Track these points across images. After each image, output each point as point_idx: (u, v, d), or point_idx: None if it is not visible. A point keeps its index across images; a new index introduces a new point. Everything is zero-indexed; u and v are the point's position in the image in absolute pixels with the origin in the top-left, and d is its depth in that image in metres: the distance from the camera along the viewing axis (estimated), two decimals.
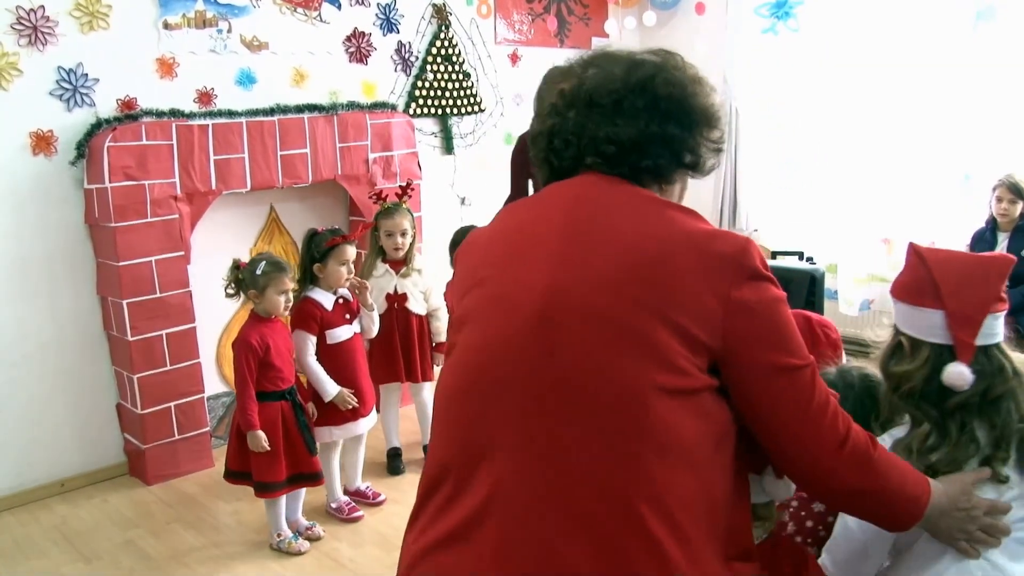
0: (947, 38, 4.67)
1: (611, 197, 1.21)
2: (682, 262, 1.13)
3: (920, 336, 1.48)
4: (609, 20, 5.59)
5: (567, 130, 1.26)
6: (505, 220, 1.36)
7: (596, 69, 1.27)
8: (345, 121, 4.23)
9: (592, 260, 1.15)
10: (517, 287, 1.18)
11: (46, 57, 3.49)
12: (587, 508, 1.07)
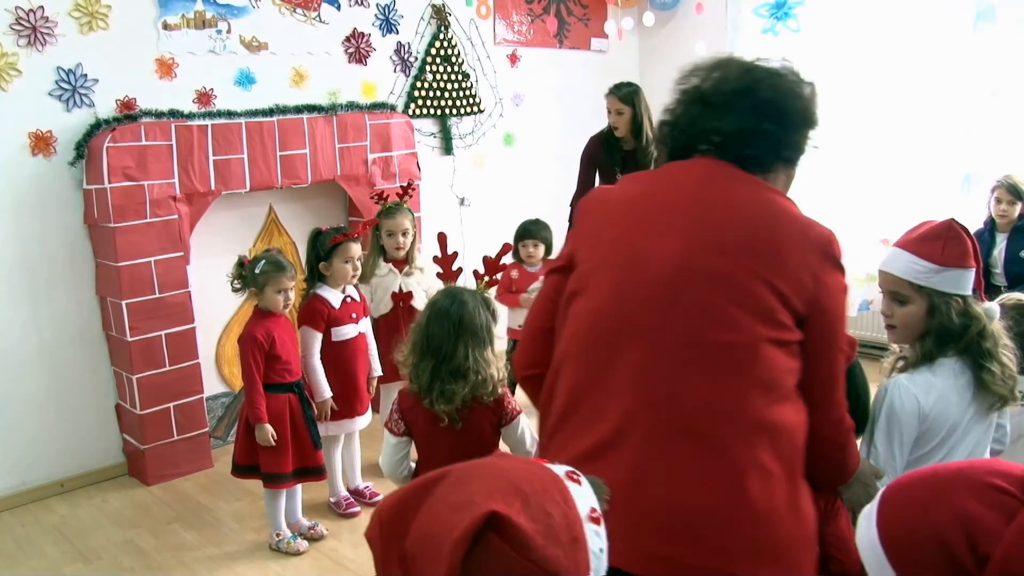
0: (947, 39, 4.67)
1: (726, 179, 1.46)
2: (787, 241, 1.38)
3: (963, 292, 1.81)
4: (608, 21, 5.60)
5: (683, 122, 1.52)
6: (632, 188, 1.57)
7: (719, 72, 1.52)
8: (344, 121, 4.24)
9: (716, 232, 1.38)
10: (651, 249, 1.40)
11: (45, 57, 3.49)
12: (706, 431, 1.30)
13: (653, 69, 6.20)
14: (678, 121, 1.54)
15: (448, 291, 2.26)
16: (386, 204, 3.65)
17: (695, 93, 1.52)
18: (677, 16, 5.94)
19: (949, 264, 1.78)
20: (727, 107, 1.47)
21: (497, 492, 0.89)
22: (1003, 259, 4.33)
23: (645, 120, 4.33)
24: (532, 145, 5.51)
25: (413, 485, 0.96)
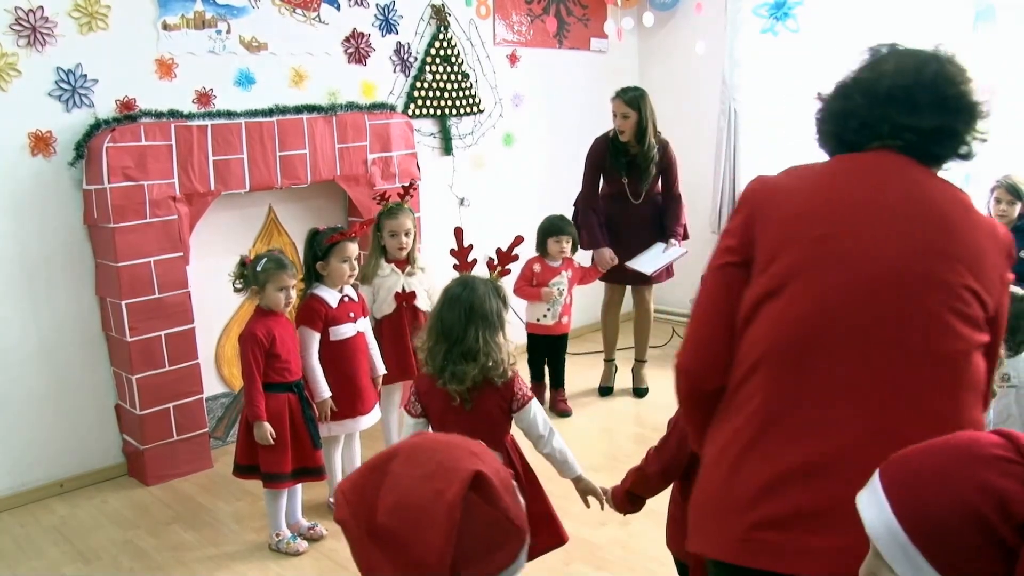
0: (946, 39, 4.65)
1: (923, 177, 1.44)
2: (985, 243, 1.36)
3: None
4: (608, 21, 5.60)
5: (861, 114, 1.45)
6: (818, 180, 1.47)
7: (890, 65, 1.45)
8: (344, 122, 4.24)
9: (927, 233, 1.34)
10: (863, 250, 1.33)
11: (45, 58, 3.49)
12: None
13: (653, 69, 6.20)
14: (853, 113, 1.47)
15: (461, 279, 2.37)
16: (388, 204, 3.64)
17: (875, 85, 1.45)
18: (676, 16, 5.94)
19: None
20: (913, 103, 1.42)
21: (464, 457, 1.01)
22: None
23: (649, 124, 4.35)
24: (532, 145, 5.51)
25: (366, 466, 1.05)
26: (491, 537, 1.00)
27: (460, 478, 0.97)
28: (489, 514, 0.99)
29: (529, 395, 2.35)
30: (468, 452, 1.05)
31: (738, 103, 5.57)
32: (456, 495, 0.95)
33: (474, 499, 0.98)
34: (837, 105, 1.52)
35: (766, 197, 1.47)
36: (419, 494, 0.98)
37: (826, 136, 1.56)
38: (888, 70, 1.45)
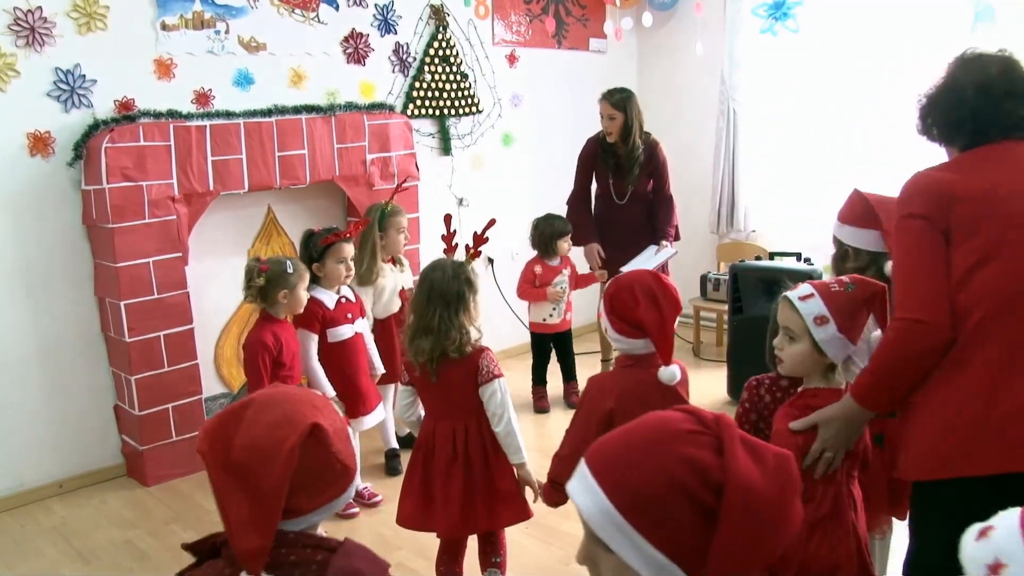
0: (946, 39, 4.67)
1: None
2: None
3: (863, 246, 2.26)
4: (607, 21, 5.60)
5: (993, 113, 1.73)
6: (982, 168, 1.75)
7: (1004, 67, 1.75)
8: (343, 122, 4.24)
9: None
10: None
11: (43, 58, 3.49)
12: None
13: (652, 69, 6.20)
14: (982, 111, 1.74)
15: (433, 262, 2.52)
16: (388, 207, 3.69)
17: (992, 85, 1.73)
18: (675, 16, 5.94)
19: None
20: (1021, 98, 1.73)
21: (306, 410, 1.23)
22: None
23: (635, 125, 4.35)
24: (530, 145, 5.52)
25: (227, 411, 1.26)
26: (323, 476, 1.25)
27: (299, 429, 1.20)
28: (322, 458, 1.23)
29: (496, 373, 2.43)
30: (311, 406, 1.26)
31: (737, 103, 5.57)
32: (295, 443, 1.18)
33: (311, 444, 1.21)
34: (960, 107, 1.77)
35: (947, 184, 1.73)
36: (266, 439, 1.19)
37: (944, 127, 1.84)
38: (1003, 72, 1.74)
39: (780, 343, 1.96)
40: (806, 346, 1.89)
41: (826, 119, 5.21)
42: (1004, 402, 1.62)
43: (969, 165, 1.77)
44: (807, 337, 1.88)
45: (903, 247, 1.79)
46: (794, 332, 1.91)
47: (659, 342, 2.14)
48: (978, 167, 1.75)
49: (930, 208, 1.73)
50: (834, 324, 1.85)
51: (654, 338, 2.14)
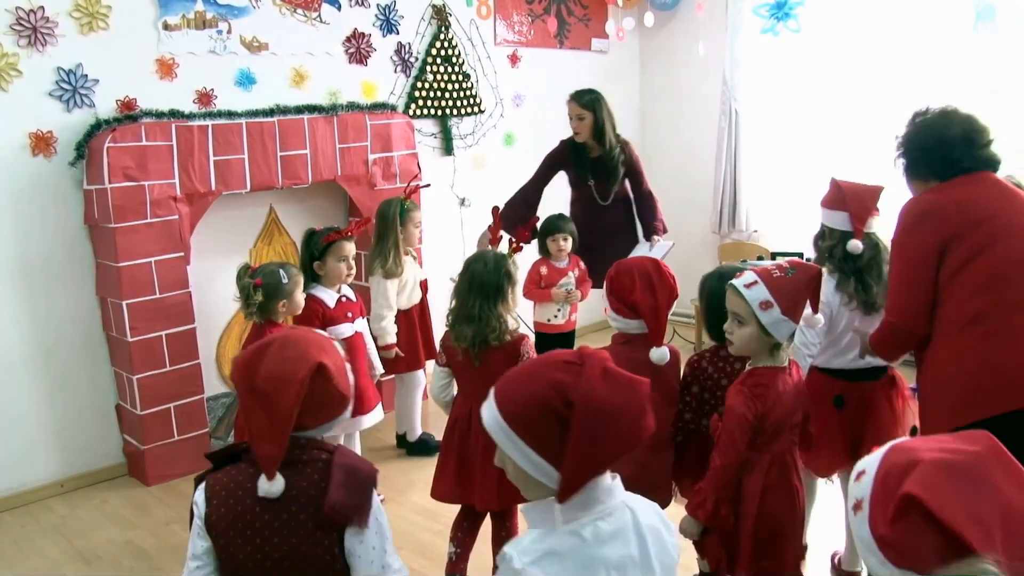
0: (947, 39, 4.67)
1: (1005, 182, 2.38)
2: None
3: (835, 226, 2.66)
4: (609, 21, 5.60)
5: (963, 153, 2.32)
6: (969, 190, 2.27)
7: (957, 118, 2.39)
8: (345, 122, 4.24)
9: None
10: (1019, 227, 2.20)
11: (46, 58, 3.49)
12: None
13: (654, 69, 6.20)
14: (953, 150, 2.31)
15: (475, 254, 2.70)
16: (406, 203, 3.78)
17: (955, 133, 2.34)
18: (677, 16, 5.94)
19: None
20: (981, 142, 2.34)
21: (315, 351, 1.59)
22: None
23: (607, 126, 4.25)
24: (532, 145, 5.50)
25: (254, 347, 1.62)
26: (325, 402, 1.62)
27: (309, 365, 1.56)
28: (325, 389, 1.60)
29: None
30: (319, 347, 1.63)
31: (739, 103, 5.57)
32: (304, 376, 1.55)
33: (317, 378, 1.57)
34: (941, 147, 2.34)
35: (942, 204, 2.24)
36: (283, 371, 1.55)
37: (922, 165, 2.40)
38: (962, 121, 2.36)
39: (730, 327, 2.16)
40: (753, 329, 2.09)
41: (827, 119, 5.20)
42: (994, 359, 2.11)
43: (953, 189, 2.27)
44: (754, 321, 2.09)
45: (903, 260, 2.27)
46: (742, 317, 2.11)
47: (651, 324, 2.33)
48: (960, 191, 2.26)
49: (933, 226, 2.21)
50: (778, 308, 2.06)
51: (647, 320, 2.32)
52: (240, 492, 1.59)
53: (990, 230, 2.17)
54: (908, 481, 1.04)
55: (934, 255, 2.19)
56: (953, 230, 2.17)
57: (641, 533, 1.31)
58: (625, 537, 1.29)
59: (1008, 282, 2.14)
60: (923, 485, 1.03)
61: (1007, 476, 1.06)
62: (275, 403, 1.54)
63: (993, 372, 2.11)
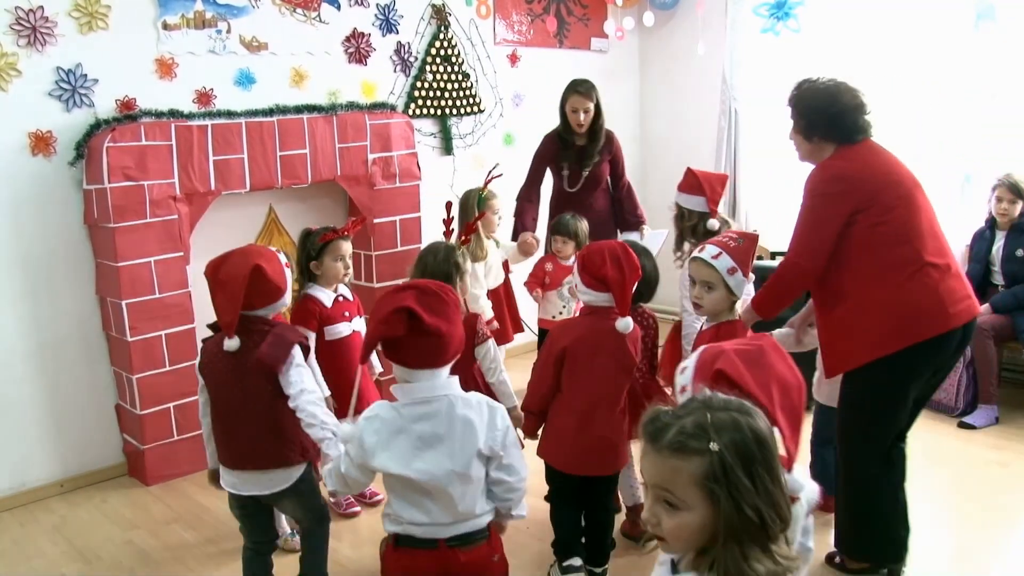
0: (947, 39, 4.67)
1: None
2: None
3: (693, 208, 3.25)
4: (608, 20, 5.60)
5: (856, 121, 2.66)
6: (869, 158, 2.63)
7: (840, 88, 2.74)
8: (344, 121, 4.24)
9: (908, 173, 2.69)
10: (912, 183, 2.63)
11: (45, 58, 3.49)
12: None
13: (653, 69, 6.20)
14: (846, 118, 2.64)
15: (429, 246, 2.96)
16: (484, 192, 4.09)
17: (849, 101, 2.66)
18: (677, 16, 5.94)
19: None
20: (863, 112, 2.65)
21: (254, 256, 2.37)
22: (1000, 257, 4.33)
23: (602, 115, 4.33)
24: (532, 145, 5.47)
25: (218, 256, 2.41)
26: (263, 290, 2.38)
27: (250, 265, 2.33)
28: (263, 282, 2.36)
29: (488, 335, 2.91)
30: (259, 255, 2.41)
31: (739, 103, 5.57)
32: (247, 272, 2.32)
33: (257, 274, 2.34)
34: (831, 110, 2.66)
35: (854, 173, 2.59)
36: (233, 269, 2.34)
37: (818, 128, 2.69)
38: (845, 90, 2.69)
39: (699, 293, 2.64)
40: (722, 292, 2.61)
41: None
42: (912, 300, 2.52)
43: (860, 157, 2.62)
44: (723, 285, 2.60)
45: (813, 211, 2.63)
46: (712, 283, 2.61)
47: (618, 296, 2.60)
48: (867, 159, 2.61)
49: (846, 190, 2.57)
50: (740, 272, 2.59)
51: (615, 293, 2.60)
52: (215, 348, 2.39)
53: (897, 193, 2.56)
54: (717, 363, 1.44)
55: (844, 215, 2.54)
56: (866, 195, 2.54)
57: (453, 420, 1.90)
58: (436, 420, 1.90)
59: (920, 237, 2.54)
60: (728, 364, 1.43)
61: (780, 360, 1.49)
62: (229, 289, 2.32)
63: (913, 309, 2.51)
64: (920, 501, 3.44)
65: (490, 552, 2.01)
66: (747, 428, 1.19)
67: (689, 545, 1.22)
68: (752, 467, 1.16)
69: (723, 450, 1.16)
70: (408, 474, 1.87)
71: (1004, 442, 3.94)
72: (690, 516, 1.17)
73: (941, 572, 2.92)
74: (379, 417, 1.93)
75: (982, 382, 4.17)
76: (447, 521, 1.91)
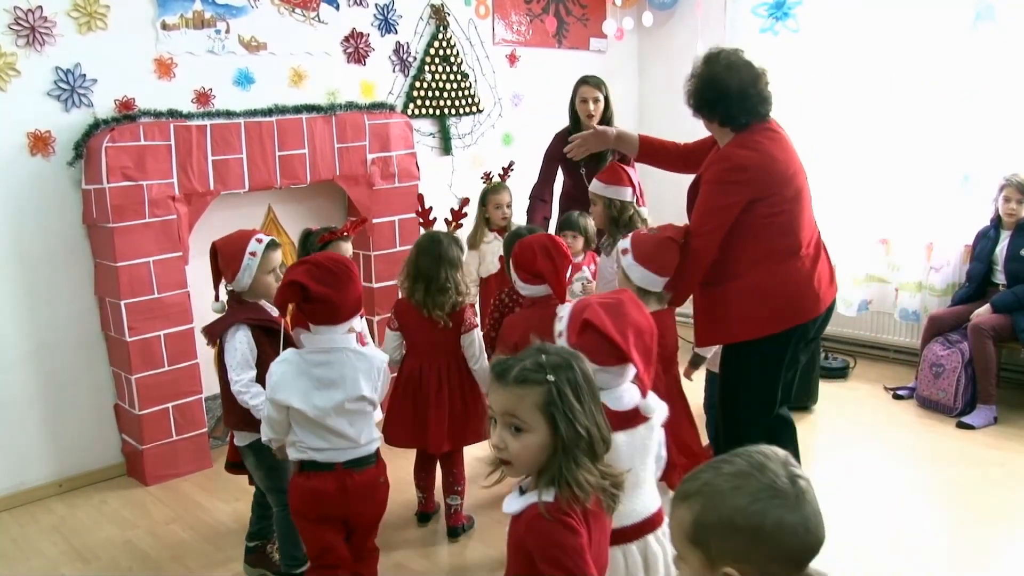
0: (946, 38, 4.67)
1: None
2: None
3: (623, 199, 3.35)
4: (607, 20, 5.60)
5: (755, 106, 2.68)
6: (767, 147, 2.67)
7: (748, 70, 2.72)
8: (343, 121, 4.24)
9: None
10: (803, 175, 2.75)
11: (44, 57, 3.49)
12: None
13: (652, 69, 6.20)
14: (745, 104, 2.67)
15: (428, 235, 3.13)
16: (492, 183, 4.24)
17: (749, 86, 2.65)
18: (676, 16, 5.94)
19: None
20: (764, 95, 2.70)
21: (218, 242, 2.73)
22: (1004, 256, 4.33)
23: (612, 109, 4.33)
24: (531, 145, 5.48)
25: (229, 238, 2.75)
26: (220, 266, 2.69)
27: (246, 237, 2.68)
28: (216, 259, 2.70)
29: (474, 324, 3.09)
30: (227, 237, 2.72)
31: None
32: (212, 252, 2.71)
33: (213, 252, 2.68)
34: (730, 92, 2.65)
35: (755, 166, 2.64)
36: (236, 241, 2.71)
37: (719, 109, 2.70)
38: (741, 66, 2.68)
39: (622, 280, 2.77)
40: (622, 275, 2.72)
41: (826, 118, 5.20)
42: (802, 283, 2.72)
43: (762, 146, 2.66)
44: (621, 269, 2.74)
45: (712, 198, 2.67)
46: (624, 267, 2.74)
47: (555, 285, 2.75)
48: (768, 149, 2.66)
49: (747, 181, 2.63)
50: (631, 255, 2.66)
51: (551, 283, 2.75)
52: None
53: (794, 186, 2.68)
54: (584, 314, 1.81)
55: (742, 204, 2.64)
56: (765, 187, 2.64)
57: (344, 368, 2.28)
58: (331, 367, 2.28)
59: (803, 229, 2.71)
60: (592, 314, 1.80)
61: (636, 309, 1.87)
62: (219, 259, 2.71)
63: (792, 296, 2.70)
64: (919, 501, 3.46)
65: (377, 474, 2.40)
66: (576, 367, 1.49)
67: (531, 466, 1.49)
68: (580, 395, 1.47)
69: (558, 381, 1.45)
70: (306, 409, 2.25)
71: (1003, 442, 3.94)
72: (533, 437, 1.46)
73: (940, 572, 2.92)
74: (287, 360, 2.29)
75: (981, 382, 4.17)
76: (342, 447, 2.31)
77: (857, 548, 3.02)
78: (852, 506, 3.34)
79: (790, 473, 1.12)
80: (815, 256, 2.76)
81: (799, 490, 1.11)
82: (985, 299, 4.36)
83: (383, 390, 2.42)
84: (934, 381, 4.33)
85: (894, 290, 5.05)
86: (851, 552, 2.96)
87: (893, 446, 3.98)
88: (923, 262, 4.87)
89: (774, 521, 1.09)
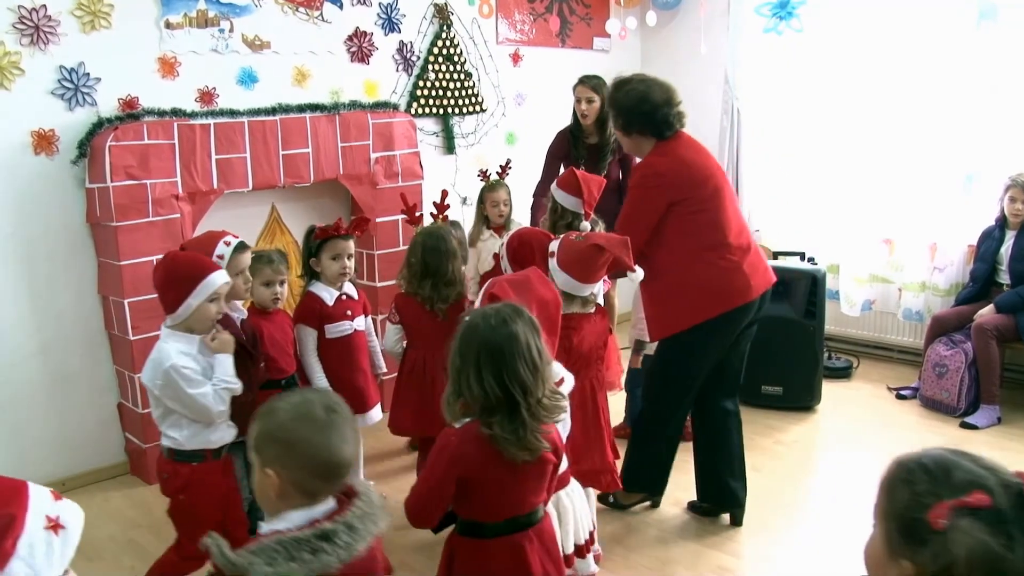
0: (949, 38, 4.66)
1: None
2: None
3: (569, 207, 3.18)
4: (611, 20, 5.59)
5: (669, 114, 3.01)
6: (688, 153, 3.01)
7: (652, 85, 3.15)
8: (347, 121, 4.24)
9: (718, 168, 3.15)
10: (722, 178, 3.04)
11: (48, 56, 3.49)
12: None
13: (655, 68, 6.16)
14: (656, 114, 3.00)
15: (430, 231, 3.26)
16: (489, 180, 4.24)
17: (661, 96, 3.02)
18: (679, 15, 5.93)
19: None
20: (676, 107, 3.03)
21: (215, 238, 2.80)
22: (1009, 256, 4.33)
23: (609, 112, 4.32)
24: (534, 144, 5.49)
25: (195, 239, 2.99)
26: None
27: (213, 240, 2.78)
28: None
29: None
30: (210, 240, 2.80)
31: (741, 102, 5.57)
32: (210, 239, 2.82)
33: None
34: (660, 110, 2.99)
35: (671, 171, 2.96)
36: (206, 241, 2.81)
37: (638, 124, 3.04)
38: (655, 86, 3.08)
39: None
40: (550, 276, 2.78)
41: (830, 118, 5.19)
42: (724, 275, 2.95)
43: (677, 152, 2.99)
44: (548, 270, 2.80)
45: (633, 203, 3.01)
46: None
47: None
48: (683, 155, 2.98)
49: (666, 186, 2.93)
50: (555, 259, 2.70)
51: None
52: None
53: (711, 186, 2.95)
54: (491, 288, 2.09)
55: (662, 207, 2.92)
56: (681, 191, 2.91)
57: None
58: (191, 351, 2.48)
59: (728, 222, 2.95)
60: (498, 288, 2.08)
61: (541, 284, 2.18)
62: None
63: (722, 284, 2.93)
64: None
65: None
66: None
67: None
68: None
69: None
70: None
71: (1006, 442, 3.94)
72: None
73: None
74: (175, 337, 2.49)
75: (984, 382, 4.17)
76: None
77: (858, 548, 3.01)
78: (854, 506, 3.34)
79: (328, 407, 1.48)
80: (745, 247, 2.99)
81: (331, 420, 1.46)
82: (989, 299, 4.35)
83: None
84: (937, 381, 4.33)
85: (898, 290, 5.04)
86: (852, 552, 2.95)
87: (896, 446, 3.92)
88: (927, 262, 4.87)
89: (302, 438, 1.45)
